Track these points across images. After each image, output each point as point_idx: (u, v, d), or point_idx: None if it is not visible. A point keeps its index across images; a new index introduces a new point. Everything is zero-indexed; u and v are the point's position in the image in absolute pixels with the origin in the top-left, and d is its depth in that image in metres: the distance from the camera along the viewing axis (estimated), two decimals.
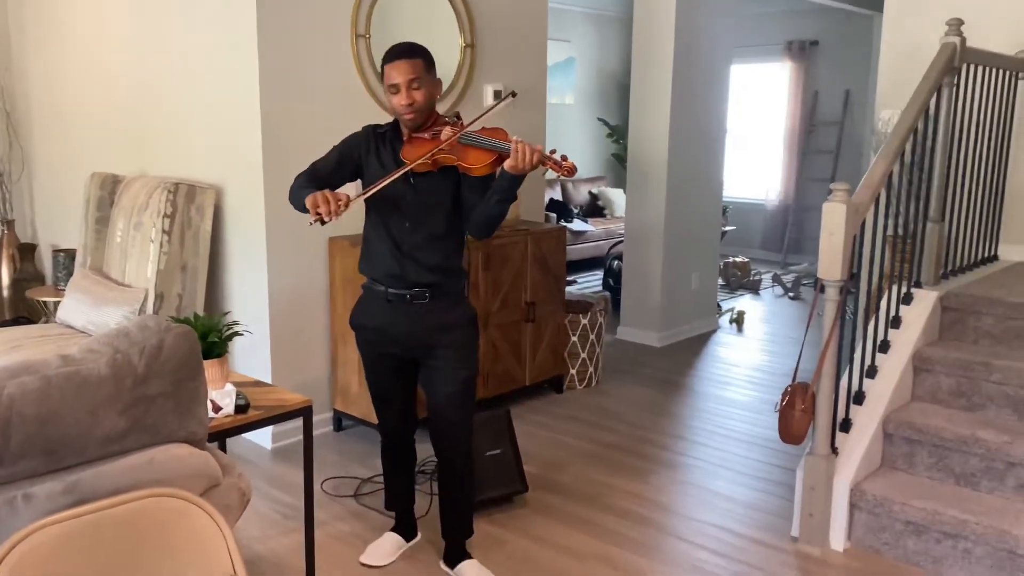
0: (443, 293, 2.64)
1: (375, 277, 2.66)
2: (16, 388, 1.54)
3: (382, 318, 2.66)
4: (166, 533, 1.65)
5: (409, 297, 2.60)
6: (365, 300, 2.73)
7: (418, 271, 2.59)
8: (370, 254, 2.67)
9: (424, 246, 2.59)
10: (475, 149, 2.46)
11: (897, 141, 3.07)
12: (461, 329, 2.67)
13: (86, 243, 4.17)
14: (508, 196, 2.45)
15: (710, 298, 6.13)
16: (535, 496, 3.39)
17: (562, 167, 2.35)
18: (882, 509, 2.95)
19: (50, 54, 4.92)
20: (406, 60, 2.49)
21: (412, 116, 2.52)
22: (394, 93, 2.51)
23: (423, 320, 2.62)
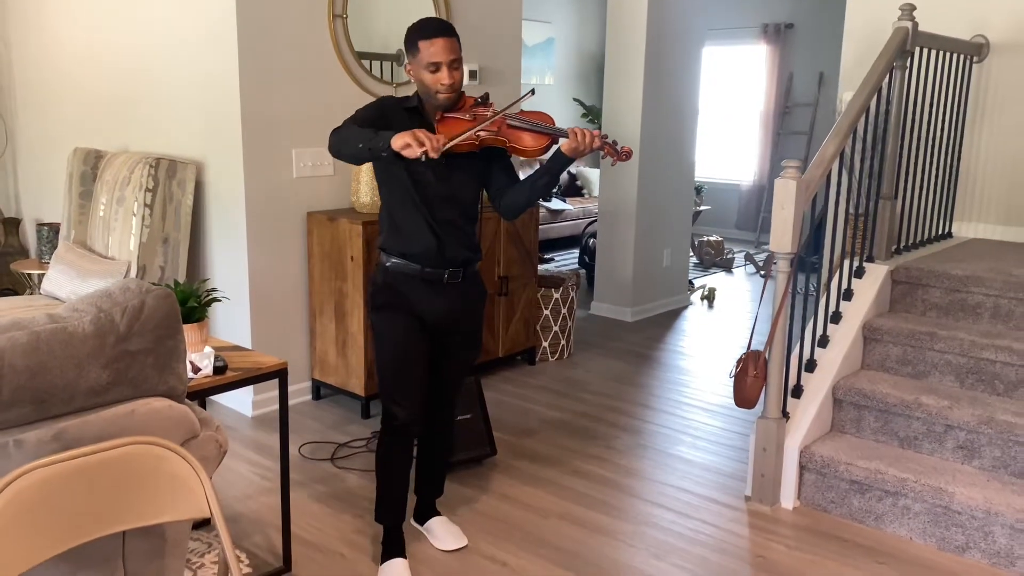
0: (472, 271, 2.69)
1: (407, 255, 2.57)
2: (7, 342, 1.67)
3: (414, 299, 2.59)
4: (147, 478, 1.79)
5: (446, 276, 2.59)
6: (393, 280, 2.60)
7: (456, 249, 2.59)
8: (401, 232, 2.57)
9: (460, 224, 2.60)
10: (529, 132, 2.50)
11: (848, 121, 3.22)
12: (482, 307, 2.77)
13: (70, 217, 4.27)
14: (556, 178, 2.53)
15: (682, 275, 6.29)
16: (503, 459, 3.55)
17: (619, 152, 2.44)
18: (829, 469, 3.12)
19: (32, 30, 4.99)
20: (449, 38, 2.43)
21: (449, 96, 2.47)
22: (433, 71, 2.43)
23: (457, 298, 2.64)
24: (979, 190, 4.20)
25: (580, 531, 3.00)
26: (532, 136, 2.50)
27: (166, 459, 1.80)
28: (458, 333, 2.71)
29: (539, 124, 2.52)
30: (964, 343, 3.22)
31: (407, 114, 2.55)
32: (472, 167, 2.58)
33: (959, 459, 3.07)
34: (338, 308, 3.93)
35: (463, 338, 2.73)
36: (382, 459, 2.72)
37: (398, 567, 2.68)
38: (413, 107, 2.56)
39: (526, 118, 2.53)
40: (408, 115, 2.54)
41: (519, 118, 2.53)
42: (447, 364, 2.75)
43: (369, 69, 4.17)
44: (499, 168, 2.63)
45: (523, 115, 2.56)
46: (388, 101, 2.61)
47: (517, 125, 2.51)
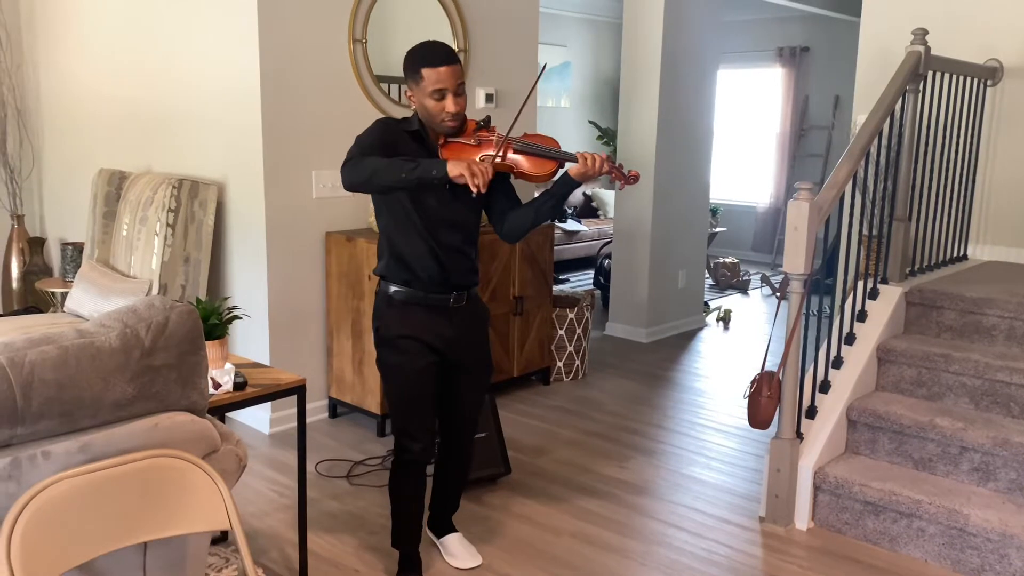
0: (473, 293, 2.69)
1: (410, 281, 2.56)
2: (37, 356, 1.72)
3: (423, 328, 2.57)
4: (169, 490, 1.83)
5: (452, 301, 2.59)
6: (396, 309, 2.58)
7: (459, 273, 2.59)
8: (403, 259, 2.55)
9: (463, 248, 2.59)
10: (535, 157, 2.48)
11: (860, 144, 3.25)
12: (486, 327, 2.77)
13: (93, 236, 4.36)
14: (562, 202, 2.51)
15: (697, 296, 6.31)
16: (517, 478, 3.57)
17: (626, 177, 2.46)
18: (843, 490, 3.12)
19: (59, 54, 5.11)
20: (454, 65, 2.42)
21: (454, 124, 2.46)
22: (438, 99, 2.41)
23: (462, 322, 2.63)
24: (994, 212, 4.21)
25: (593, 550, 3.02)
26: (539, 161, 2.49)
27: (188, 472, 1.85)
28: (469, 358, 2.71)
29: (546, 148, 2.50)
30: (979, 365, 3.22)
31: (410, 137, 2.51)
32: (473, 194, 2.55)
33: (974, 481, 3.07)
34: (355, 327, 3.98)
35: (475, 360, 2.73)
36: (395, 489, 2.73)
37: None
38: (415, 131, 2.52)
39: (533, 142, 2.52)
40: (411, 138, 2.51)
41: (526, 142, 2.51)
42: (461, 388, 2.73)
43: (387, 92, 4.25)
44: (500, 192, 2.60)
45: (528, 138, 2.54)
46: (390, 124, 2.54)
47: (524, 150, 2.49)
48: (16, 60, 5.31)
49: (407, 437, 2.64)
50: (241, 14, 3.80)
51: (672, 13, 5.54)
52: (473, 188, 2.23)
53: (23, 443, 1.73)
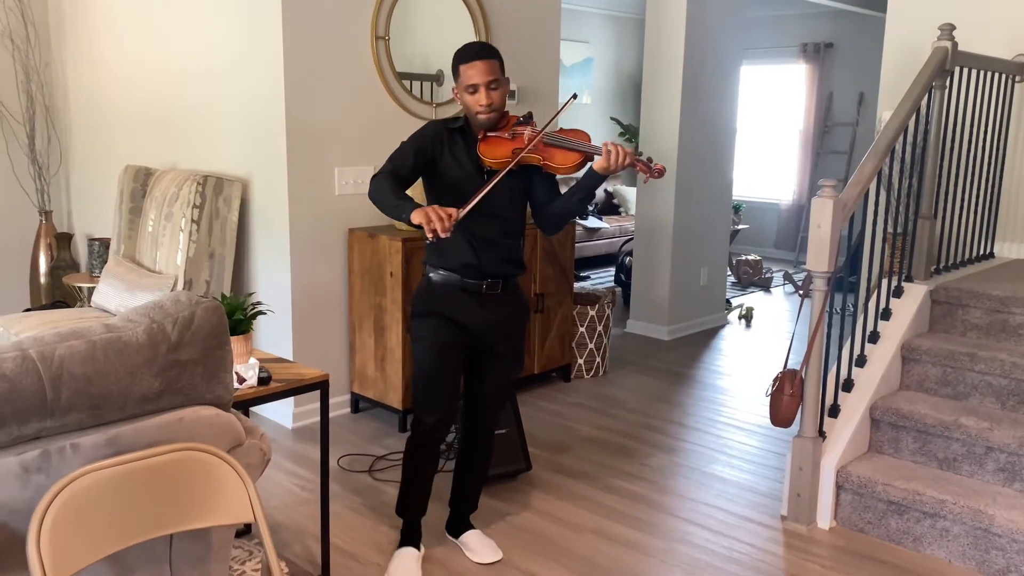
0: (513, 284, 2.76)
1: (449, 268, 2.67)
2: (66, 350, 1.75)
3: (455, 307, 2.68)
4: (194, 483, 1.85)
5: (485, 288, 2.67)
6: (433, 290, 2.71)
7: (495, 262, 2.67)
8: (442, 247, 2.65)
9: (499, 239, 2.67)
10: (562, 150, 2.56)
11: (886, 141, 3.22)
12: (522, 321, 2.83)
13: (119, 232, 4.41)
14: (591, 194, 2.61)
15: (719, 294, 6.28)
16: (538, 474, 3.57)
17: (652, 170, 2.50)
18: (866, 490, 3.10)
19: (87, 52, 5.17)
20: (485, 60, 2.53)
21: (490, 115, 2.57)
22: (472, 93, 2.54)
23: (495, 310, 2.71)
24: (1022, 210, 4.16)
25: (614, 547, 3.02)
26: (566, 153, 2.57)
27: (213, 465, 1.87)
28: (499, 344, 2.77)
29: (574, 142, 2.58)
30: (1005, 364, 3.19)
31: (450, 135, 2.64)
32: (515, 184, 2.64)
33: (1000, 481, 3.03)
34: (377, 323, 4.00)
35: (503, 350, 2.79)
36: (407, 458, 2.83)
37: (409, 554, 2.83)
38: (459, 127, 2.66)
39: (563, 136, 2.60)
40: (451, 135, 2.64)
41: (555, 136, 2.59)
42: (486, 376, 2.81)
43: (409, 89, 4.26)
44: (541, 185, 2.70)
45: (561, 133, 2.62)
46: (430, 128, 2.67)
47: (553, 143, 2.58)
48: (45, 58, 5.38)
49: (422, 410, 2.73)
50: (266, 12, 3.83)
51: (695, 9, 5.51)
52: (429, 234, 2.34)
53: (52, 436, 1.76)
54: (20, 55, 5.23)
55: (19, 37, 5.21)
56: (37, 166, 5.29)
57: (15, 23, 5.19)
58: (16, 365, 1.68)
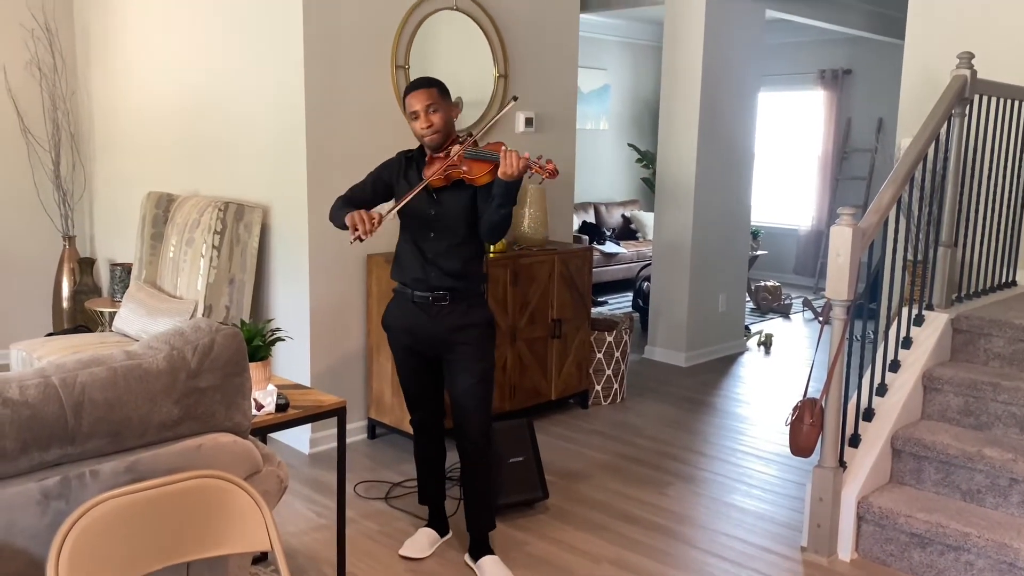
0: (462, 296, 2.91)
1: (404, 282, 2.96)
2: (88, 377, 1.77)
3: (408, 319, 2.95)
4: (212, 510, 1.86)
5: (431, 299, 2.89)
6: (394, 303, 3.02)
7: (440, 276, 2.88)
8: (400, 262, 2.97)
9: (446, 253, 2.88)
10: (477, 161, 2.77)
11: (905, 168, 3.21)
12: (479, 329, 2.93)
13: (141, 258, 4.46)
14: (506, 200, 2.73)
15: (738, 320, 6.25)
16: (555, 503, 3.55)
17: (544, 169, 2.65)
18: (888, 521, 3.06)
19: (111, 81, 5.26)
20: (423, 89, 2.82)
21: (432, 137, 2.83)
22: (415, 119, 2.83)
23: (444, 320, 2.90)
24: None
25: None
26: (478, 164, 2.76)
27: (231, 493, 1.87)
28: (453, 355, 2.92)
29: (485, 152, 2.76)
30: None
31: (408, 162, 2.94)
32: (459, 199, 2.86)
33: None
34: None
35: (458, 360, 2.92)
36: (415, 452, 3.21)
37: (425, 532, 3.16)
38: (412, 155, 2.96)
39: (481, 149, 2.78)
40: (408, 162, 2.94)
41: (474, 150, 2.78)
42: (449, 386, 2.98)
43: None
44: (482, 198, 2.85)
45: (486, 147, 2.79)
46: (392, 159, 3.00)
47: (472, 156, 2.78)
48: (71, 87, 5.48)
49: (407, 407, 3.14)
50: (288, 42, 3.88)
51: (712, 37, 5.54)
52: (352, 234, 2.68)
53: (72, 462, 1.78)
54: (47, 84, 5.33)
55: (47, 66, 5.32)
56: (61, 192, 5.37)
57: (43, 53, 5.30)
58: (39, 392, 1.70)
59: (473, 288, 2.94)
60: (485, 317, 2.97)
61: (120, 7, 5.08)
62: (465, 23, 4.38)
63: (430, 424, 3.12)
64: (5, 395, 1.66)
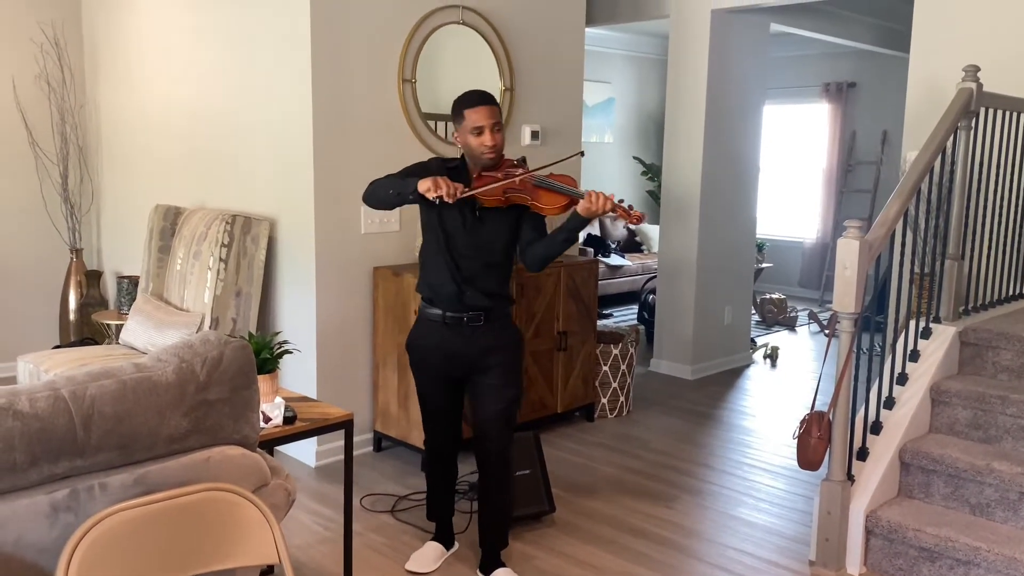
0: (495, 316, 2.88)
1: (433, 300, 2.87)
2: (97, 390, 1.78)
3: (439, 339, 2.87)
4: (220, 523, 1.86)
5: (466, 320, 2.83)
6: (422, 322, 2.94)
7: (475, 296, 2.82)
8: (429, 278, 2.88)
9: (482, 273, 2.83)
10: (550, 192, 2.74)
11: (911, 182, 3.21)
12: (510, 350, 2.91)
13: (148, 270, 4.47)
14: (573, 236, 2.75)
15: (743, 333, 6.24)
16: (562, 516, 3.54)
17: (631, 216, 2.64)
18: (897, 535, 3.04)
19: (119, 95, 5.29)
20: (490, 105, 2.76)
21: (492, 156, 2.76)
22: (477, 135, 2.74)
23: (477, 341, 2.85)
24: None
25: None
26: (553, 196, 2.73)
27: (239, 506, 1.87)
28: (487, 375, 2.87)
29: (561, 185, 2.74)
30: None
31: (449, 172, 2.81)
32: (502, 221, 2.83)
33: None
34: (400, 361, 4.01)
35: (491, 380, 2.88)
36: (427, 469, 3.15)
37: (432, 546, 3.13)
38: (455, 166, 2.86)
39: (552, 179, 2.75)
40: (450, 173, 2.81)
41: (545, 179, 2.75)
42: (479, 405, 2.92)
43: (434, 129, 4.32)
44: (528, 224, 2.85)
45: (551, 177, 2.77)
46: (434, 162, 2.89)
47: (542, 185, 2.75)
48: (79, 100, 5.51)
49: (425, 431, 3.07)
50: (295, 56, 3.91)
51: (717, 50, 5.56)
52: (432, 197, 2.56)
53: (81, 475, 1.78)
54: (56, 97, 5.37)
55: (55, 80, 5.35)
56: (69, 205, 5.40)
57: (52, 67, 5.33)
58: (49, 405, 1.70)
59: (505, 308, 2.92)
60: (516, 337, 2.96)
61: (128, 22, 5.11)
62: (471, 37, 4.41)
63: (448, 446, 3.07)
64: (15, 407, 1.66)
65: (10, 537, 1.67)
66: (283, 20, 3.97)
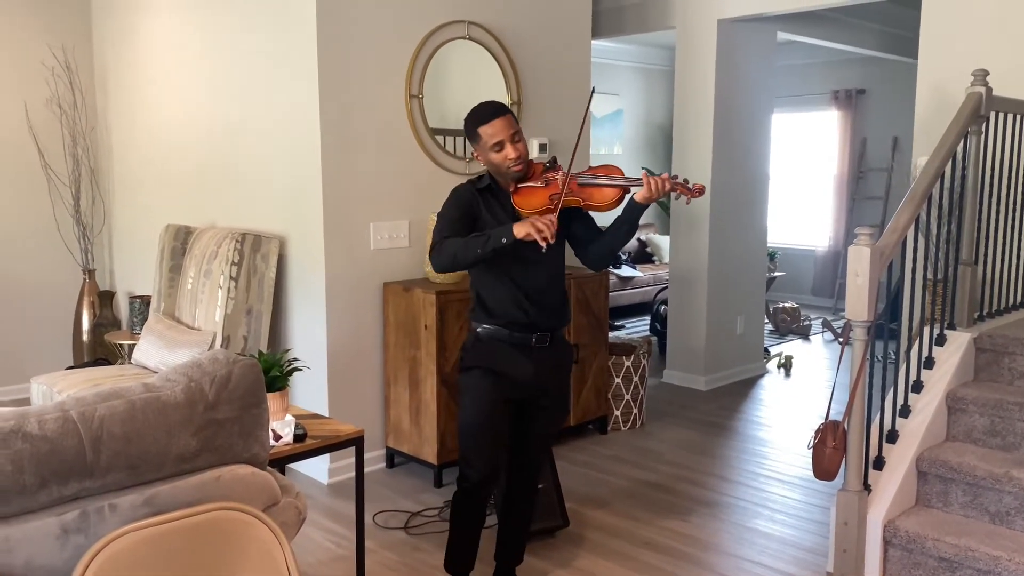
0: (559, 335, 2.76)
1: (496, 323, 2.66)
2: (106, 410, 1.77)
3: (503, 361, 2.67)
4: (231, 543, 1.85)
5: (534, 341, 2.66)
6: (481, 344, 2.70)
7: (543, 314, 2.67)
8: (487, 304, 2.68)
9: (547, 288, 2.69)
10: (599, 188, 2.60)
11: (922, 188, 3.18)
12: (568, 369, 2.84)
13: (160, 290, 4.49)
14: (635, 225, 2.63)
15: (757, 342, 6.20)
16: (576, 530, 3.51)
17: (692, 191, 2.53)
18: (915, 545, 3.00)
19: (129, 116, 5.34)
20: (504, 117, 2.59)
21: (520, 167, 2.60)
22: (498, 150, 2.57)
23: (543, 362, 2.70)
24: None
25: None
26: (604, 191, 2.60)
27: (250, 525, 1.86)
28: (546, 396, 2.77)
29: (610, 178, 2.61)
30: None
31: (482, 196, 2.68)
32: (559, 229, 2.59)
33: None
34: (412, 376, 4.00)
35: (551, 401, 2.79)
36: (453, 513, 2.81)
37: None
38: (486, 186, 2.69)
39: (596, 174, 2.63)
40: (482, 195, 2.68)
41: (589, 176, 2.62)
42: (532, 428, 2.80)
43: (443, 144, 4.32)
44: (580, 223, 2.72)
45: (592, 171, 2.66)
46: (461, 191, 2.70)
47: (587, 182, 2.61)
48: (90, 122, 5.56)
49: (468, 465, 2.72)
50: (303, 75, 3.93)
51: (724, 60, 5.55)
52: (542, 243, 2.39)
53: (91, 496, 1.77)
54: (67, 120, 5.41)
55: (67, 103, 5.40)
56: (81, 227, 5.43)
57: (63, 90, 5.39)
58: (58, 426, 1.70)
59: (565, 324, 2.78)
60: (572, 353, 2.86)
61: (138, 44, 5.16)
62: (477, 52, 4.42)
63: (490, 482, 2.74)
64: (24, 429, 1.66)
65: (20, 560, 1.67)
66: (290, 39, 3.99)
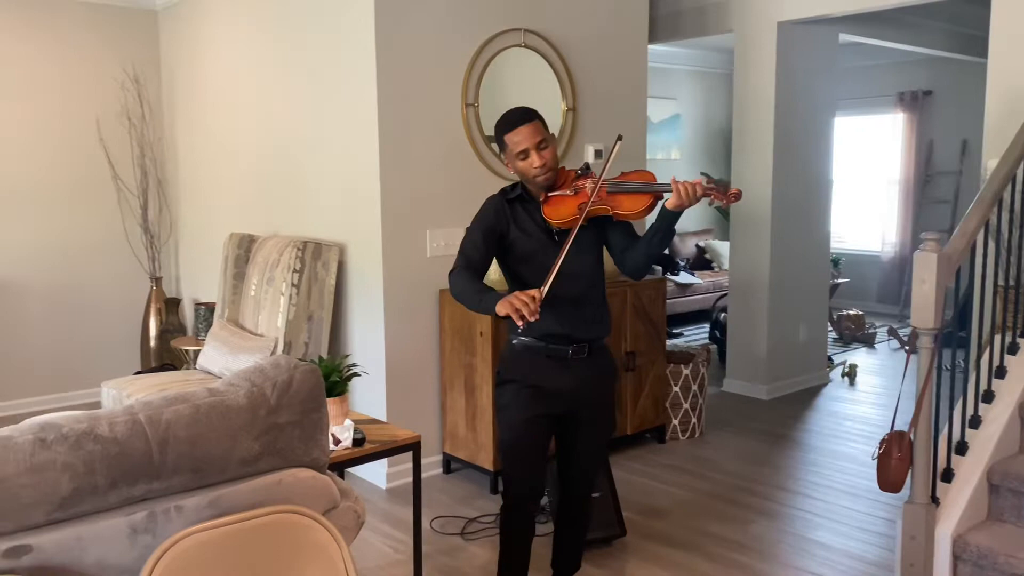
0: (599, 345, 2.68)
1: (531, 333, 2.59)
2: (172, 414, 1.82)
3: (539, 374, 2.61)
4: (291, 545, 1.88)
5: (571, 353, 2.60)
6: (516, 357, 2.65)
7: (580, 325, 2.60)
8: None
9: (585, 299, 2.61)
10: (629, 196, 2.50)
11: (992, 191, 3.08)
12: (612, 379, 2.76)
13: (224, 297, 4.60)
14: (671, 232, 2.51)
15: (820, 350, 6.07)
16: (633, 540, 3.48)
17: (727, 196, 2.41)
18: (987, 561, 2.90)
19: (195, 128, 5.49)
20: (529, 124, 2.51)
21: (547, 176, 2.53)
22: (524, 158, 2.51)
23: (581, 374, 2.63)
24: None
25: None
26: (634, 198, 2.49)
27: (310, 528, 1.89)
28: (587, 408, 2.70)
29: (641, 184, 2.51)
30: None
31: (511, 206, 2.62)
32: (586, 239, 2.58)
33: None
34: (468, 382, 4.02)
35: (592, 413, 2.72)
36: (502, 530, 2.76)
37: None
38: (517, 196, 2.63)
39: (627, 181, 2.53)
40: (512, 206, 2.62)
41: (619, 183, 2.52)
42: (577, 440, 2.74)
43: (498, 153, 4.34)
44: (617, 231, 2.63)
45: (624, 177, 2.55)
46: (490, 206, 2.65)
47: (617, 190, 2.51)
48: (157, 134, 5.73)
49: (510, 482, 2.68)
50: (361, 86, 3.99)
51: (784, 63, 5.46)
52: (519, 322, 2.28)
53: (158, 497, 1.82)
54: (136, 132, 5.60)
55: (135, 116, 5.58)
56: (149, 235, 5.60)
57: (132, 103, 5.57)
58: (127, 429, 1.75)
59: (605, 335, 2.69)
60: (614, 364, 2.78)
61: (204, 58, 5.31)
62: (533, 59, 4.43)
63: (534, 494, 2.70)
64: (96, 432, 1.72)
65: (92, 558, 1.72)
66: (349, 51, 4.06)
